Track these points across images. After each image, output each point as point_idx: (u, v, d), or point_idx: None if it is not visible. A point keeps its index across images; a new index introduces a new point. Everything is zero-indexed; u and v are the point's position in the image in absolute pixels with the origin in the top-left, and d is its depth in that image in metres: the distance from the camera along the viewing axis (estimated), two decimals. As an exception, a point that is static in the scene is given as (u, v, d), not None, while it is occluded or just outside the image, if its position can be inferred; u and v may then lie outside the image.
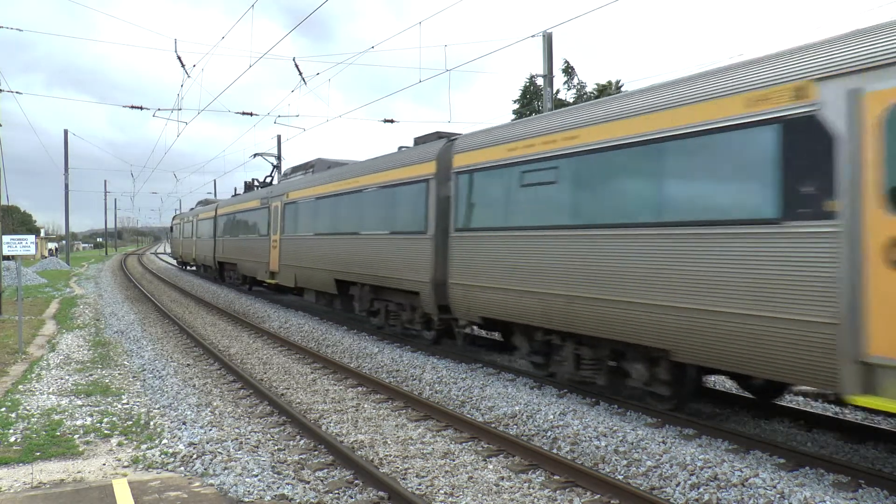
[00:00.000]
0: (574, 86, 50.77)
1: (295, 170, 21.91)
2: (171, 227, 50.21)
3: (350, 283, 15.80)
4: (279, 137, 53.55)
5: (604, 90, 46.17)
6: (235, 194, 35.68)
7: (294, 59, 20.98)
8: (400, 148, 14.90)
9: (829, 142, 5.94)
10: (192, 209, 42.70)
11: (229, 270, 29.94)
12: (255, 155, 32.72)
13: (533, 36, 18.73)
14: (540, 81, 20.91)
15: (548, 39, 19.88)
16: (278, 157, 53.54)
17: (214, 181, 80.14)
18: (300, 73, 21.17)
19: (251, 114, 26.94)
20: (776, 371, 6.43)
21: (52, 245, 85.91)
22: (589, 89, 49.54)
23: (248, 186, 29.66)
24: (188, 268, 45.49)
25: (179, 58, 20.99)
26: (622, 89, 45.61)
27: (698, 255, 7.04)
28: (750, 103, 6.59)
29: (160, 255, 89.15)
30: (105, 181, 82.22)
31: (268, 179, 29.17)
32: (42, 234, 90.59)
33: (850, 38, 6.01)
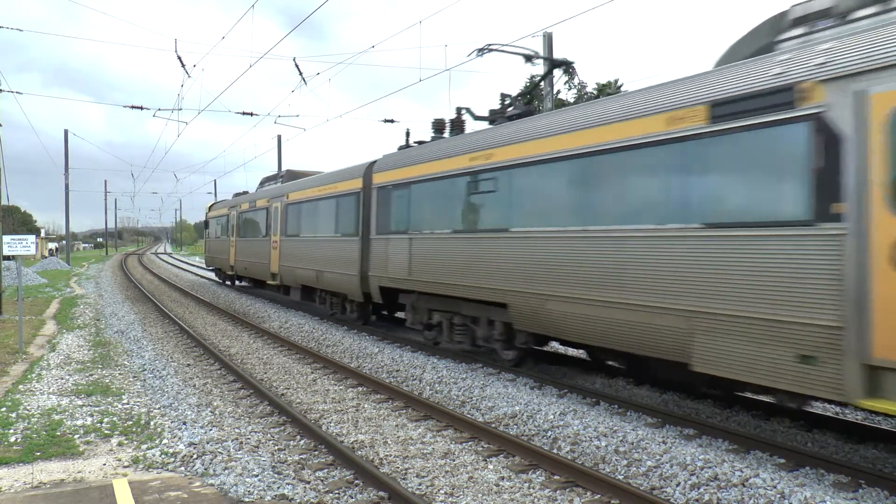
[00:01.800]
0: (574, 86, 50.79)
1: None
2: (206, 222, 33.83)
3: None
4: (279, 137, 53.59)
5: (603, 90, 46.18)
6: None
7: (294, 59, 21.00)
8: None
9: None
10: (238, 195, 29.25)
11: (316, 291, 19.28)
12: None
13: (533, 36, 18.74)
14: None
15: (548, 39, 19.88)
16: (279, 158, 53.54)
17: (215, 181, 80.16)
18: (300, 73, 21.18)
19: (251, 114, 26.94)
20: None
21: (52, 245, 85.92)
22: (589, 89, 49.54)
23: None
24: (235, 283, 29.63)
25: (180, 58, 21.00)
26: (622, 89, 45.63)
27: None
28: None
29: (160, 255, 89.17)
30: (105, 181, 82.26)
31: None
32: (42, 234, 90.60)
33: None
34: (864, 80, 5.73)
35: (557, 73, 24.06)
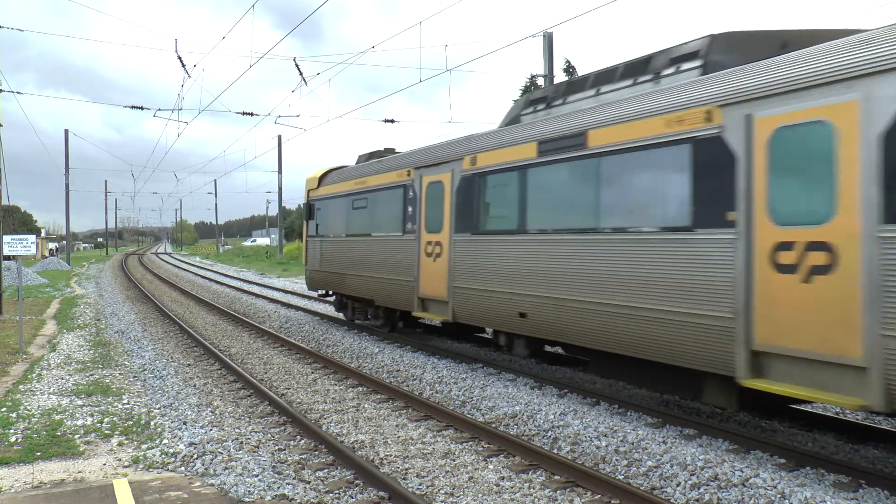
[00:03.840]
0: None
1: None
2: (309, 208, 18.09)
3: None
4: (279, 137, 53.60)
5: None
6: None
7: (294, 59, 21.00)
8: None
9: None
10: (365, 159, 16.51)
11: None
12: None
13: (533, 36, 18.75)
14: (540, 81, 20.92)
15: (548, 39, 19.89)
16: (279, 158, 53.54)
17: (215, 181, 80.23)
18: (300, 73, 21.19)
19: (252, 114, 26.96)
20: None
21: (52, 245, 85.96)
22: (387, 148, 49.33)
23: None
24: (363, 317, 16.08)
25: (180, 58, 21.02)
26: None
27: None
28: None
29: (160, 255, 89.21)
30: (105, 181, 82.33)
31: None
32: (42, 234, 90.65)
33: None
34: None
35: (558, 72, 23.99)
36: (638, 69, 8.77)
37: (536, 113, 10.42)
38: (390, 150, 16.13)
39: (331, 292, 17.23)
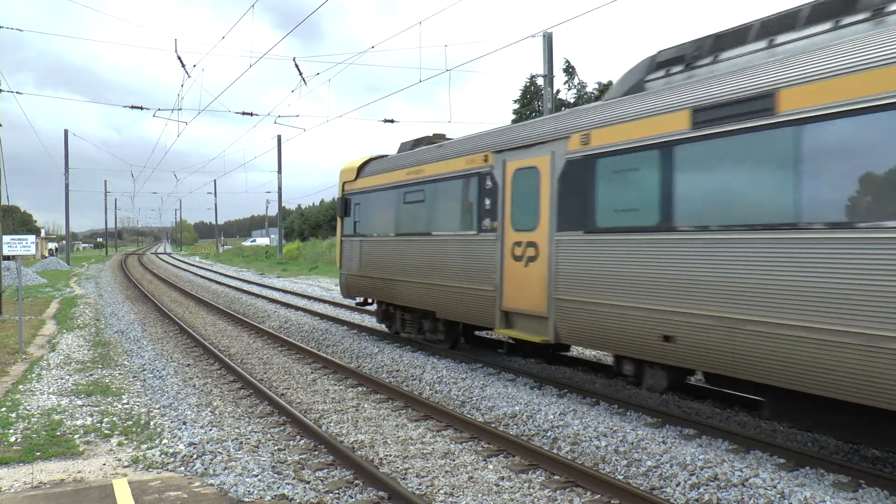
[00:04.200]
0: (574, 85, 50.81)
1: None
2: (345, 203, 15.45)
3: None
4: (279, 137, 53.61)
5: (605, 90, 46.19)
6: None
7: (294, 59, 21.00)
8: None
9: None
10: (411, 147, 14.31)
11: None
12: None
13: (533, 36, 18.75)
14: (540, 81, 20.93)
15: (548, 39, 19.89)
16: (279, 158, 53.57)
17: (215, 181, 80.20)
18: (300, 73, 21.19)
19: (251, 114, 26.97)
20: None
21: (52, 245, 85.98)
22: (589, 89, 49.57)
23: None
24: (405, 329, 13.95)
25: (180, 58, 21.01)
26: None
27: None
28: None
29: (160, 255, 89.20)
30: (105, 181, 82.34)
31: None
32: (42, 234, 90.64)
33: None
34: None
35: (558, 72, 23.97)
36: (839, 7, 6.71)
37: (671, 77, 8.22)
38: (441, 136, 14.08)
39: (370, 300, 14.89)
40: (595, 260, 8.33)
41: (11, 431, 7.80)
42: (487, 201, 10.46)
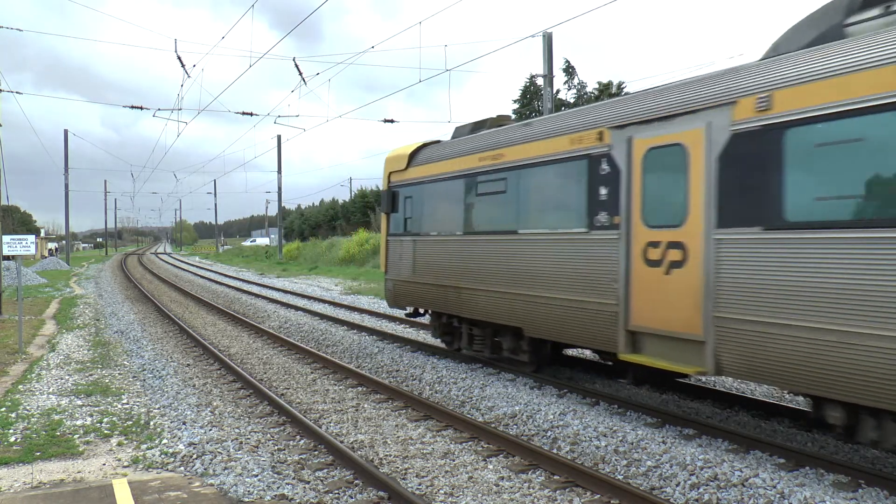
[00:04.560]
0: (574, 85, 50.84)
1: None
2: (392, 197, 13.41)
3: None
4: (279, 137, 53.61)
5: (605, 89, 46.21)
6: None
7: (294, 59, 21.01)
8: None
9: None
10: (469, 131, 12.29)
11: None
12: None
13: (533, 36, 18.76)
14: (540, 81, 20.94)
15: (548, 39, 19.90)
16: (279, 158, 53.59)
17: (214, 181, 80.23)
18: (300, 73, 21.20)
19: (251, 114, 26.98)
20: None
21: (52, 245, 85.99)
22: (589, 89, 49.59)
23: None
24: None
25: (179, 58, 21.02)
26: (623, 89, 45.66)
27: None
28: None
29: (160, 255, 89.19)
30: (105, 181, 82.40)
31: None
32: (42, 234, 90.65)
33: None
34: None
35: (558, 72, 23.97)
36: None
37: (892, 15, 6.15)
38: (505, 118, 12.28)
39: (423, 311, 12.86)
40: (785, 265, 6.21)
41: (11, 431, 7.79)
42: (602, 190, 8.28)
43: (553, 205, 9.12)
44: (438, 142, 12.92)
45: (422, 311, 12.88)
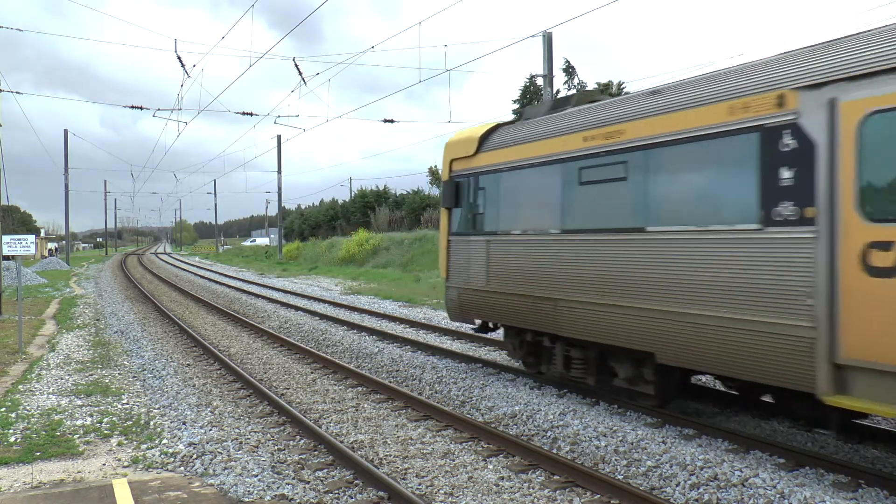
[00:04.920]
0: (574, 86, 50.84)
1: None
2: (456, 190, 11.13)
3: None
4: (279, 137, 53.61)
5: (605, 89, 46.20)
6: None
7: (294, 59, 21.01)
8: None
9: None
10: (548, 111, 10.06)
11: None
12: None
13: (533, 36, 18.77)
14: (540, 81, 20.94)
15: (548, 39, 19.90)
16: (279, 158, 53.56)
17: (214, 181, 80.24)
18: (300, 74, 21.20)
19: (251, 114, 26.98)
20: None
21: (51, 245, 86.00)
22: (589, 89, 49.58)
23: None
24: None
25: (179, 58, 21.03)
26: (623, 90, 45.67)
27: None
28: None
29: (160, 255, 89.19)
30: (105, 181, 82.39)
31: None
32: (42, 234, 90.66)
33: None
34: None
35: (558, 72, 23.97)
36: None
37: None
38: (589, 95, 10.05)
39: (495, 324, 10.84)
40: None
41: (11, 431, 7.80)
42: (786, 173, 6.27)
43: (701, 194, 7.10)
44: (515, 122, 10.81)
45: (491, 324, 10.91)
